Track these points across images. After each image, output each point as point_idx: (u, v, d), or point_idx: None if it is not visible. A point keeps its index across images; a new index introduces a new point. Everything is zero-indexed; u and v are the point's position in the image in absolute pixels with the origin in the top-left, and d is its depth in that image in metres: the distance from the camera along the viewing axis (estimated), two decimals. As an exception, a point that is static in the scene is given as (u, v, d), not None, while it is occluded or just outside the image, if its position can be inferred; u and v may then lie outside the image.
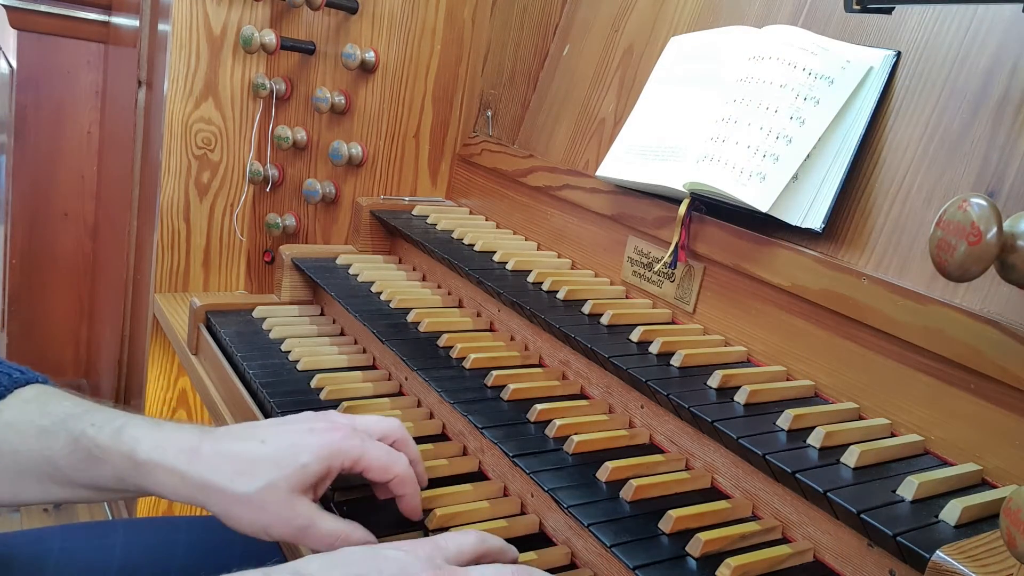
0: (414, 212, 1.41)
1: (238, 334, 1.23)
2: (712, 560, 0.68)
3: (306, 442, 0.75)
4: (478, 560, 0.69)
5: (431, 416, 1.04)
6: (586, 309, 1.02)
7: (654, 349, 0.91)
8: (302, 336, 1.24)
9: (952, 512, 0.64)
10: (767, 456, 0.72)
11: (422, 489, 0.81)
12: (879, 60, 0.89)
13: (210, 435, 0.76)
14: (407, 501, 0.78)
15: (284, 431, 0.77)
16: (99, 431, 0.75)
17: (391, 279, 1.28)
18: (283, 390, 1.06)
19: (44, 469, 0.75)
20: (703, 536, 0.70)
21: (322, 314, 1.34)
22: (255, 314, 1.31)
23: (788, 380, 0.88)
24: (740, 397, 0.81)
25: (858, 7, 0.78)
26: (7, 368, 0.80)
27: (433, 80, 1.49)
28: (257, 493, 0.72)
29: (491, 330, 1.15)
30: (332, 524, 0.74)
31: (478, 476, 0.93)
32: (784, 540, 0.75)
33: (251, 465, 0.73)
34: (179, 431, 0.76)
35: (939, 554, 0.55)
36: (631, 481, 0.77)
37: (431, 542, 0.68)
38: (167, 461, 0.73)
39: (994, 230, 0.54)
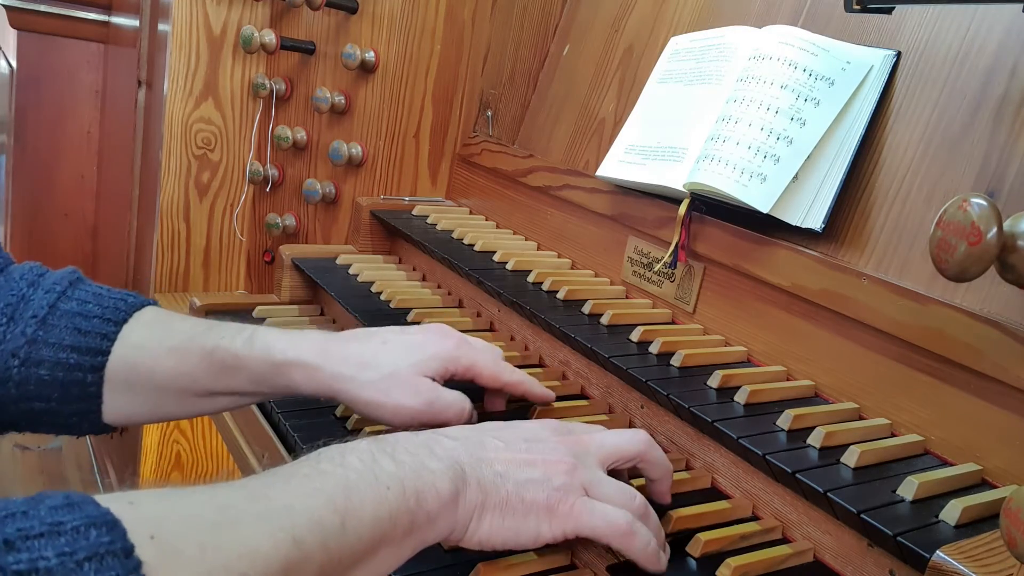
0: (414, 212, 1.40)
1: (238, 334, 1.23)
2: (712, 560, 0.68)
3: (425, 345, 0.82)
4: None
5: (431, 416, 1.04)
6: (586, 309, 1.02)
7: (654, 349, 0.91)
8: (302, 336, 1.24)
9: (952, 512, 0.64)
10: (767, 456, 0.72)
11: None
12: (879, 60, 0.89)
13: (334, 338, 0.83)
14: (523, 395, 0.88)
15: (403, 337, 0.83)
16: (232, 342, 0.80)
17: (391, 279, 1.28)
18: (283, 390, 1.06)
19: (182, 383, 0.80)
20: (703, 536, 0.69)
21: (322, 314, 1.34)
22: (255, 314, 1.31)
23: (788, 380, 0.88)
24: (740, 397, 0.81)
25: (858, 7, 0.78)
26: (121, 294, 0.84)
27: (433, 80, 1.49)
28: (382, 379, 0.78)
29: (491, 330, 1.15)
30: (454, 394, 0.80)
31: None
32: (784, 540, 0.75)
33: (375, 359, 0.80)
34: (304, 336, 0.82)
35: (939, 554, 0.55)
36: (631, 482, 0.77)
37: (557, 421, 0.75)
38: (302, 359, 0.79)
39: (994, 230, 0.54)
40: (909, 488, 0.67)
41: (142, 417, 0.83)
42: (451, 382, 0.82)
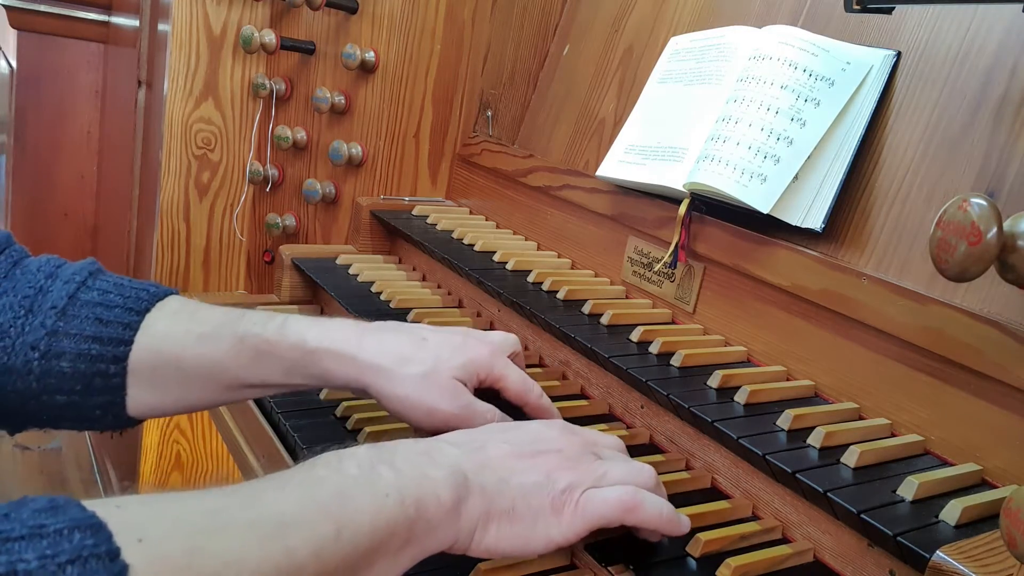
0: (414, 212, 1.40)
1: (238, 334, 1.23)
2: (712, 560, 0.68)
3: (464, 347, 0.79)
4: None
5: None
6: (586, 309, 1.02)
7: (654, 349, 0.91)
8: (302, 336, 1.24)
9: (952, 512, 0.64)
10: (767, 456, 0.72)
11: None
12: (879, 60, 0.89)
13: (369, 328, 0.80)
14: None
15: (442, 336, 0.81)
16: (264, 328, 0.78)
17: (391, 279, 1.28)
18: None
19: (212, 371, 0.78)
20: (703, 536, 0.69)
21: (322, 314, 1.34)
22: (255, 314, 1.31)
23: (788, 380, 0.88)
24: (740, 397, 0.81)
25: (858, 7, 0.78)
26: (143, 284, 0.82)
27: (433, 80, 1.49)
28: (423, 375, 0.76)
29: (491, 330, 1.15)
30: (486, 404, 0.77)
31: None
32: (784, 540, 0.75)
33: (415, 354, 0.77)
34: (337, 324, 0.80)
35: (939, 554, 0.55)
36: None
37: (563, 422, 0.74)
38: (336, 347, 0.77)
39: (994, 230, 0.54)
40: (909, 488, 0.67)
41: (167, 408, 0.81)
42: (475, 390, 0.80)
